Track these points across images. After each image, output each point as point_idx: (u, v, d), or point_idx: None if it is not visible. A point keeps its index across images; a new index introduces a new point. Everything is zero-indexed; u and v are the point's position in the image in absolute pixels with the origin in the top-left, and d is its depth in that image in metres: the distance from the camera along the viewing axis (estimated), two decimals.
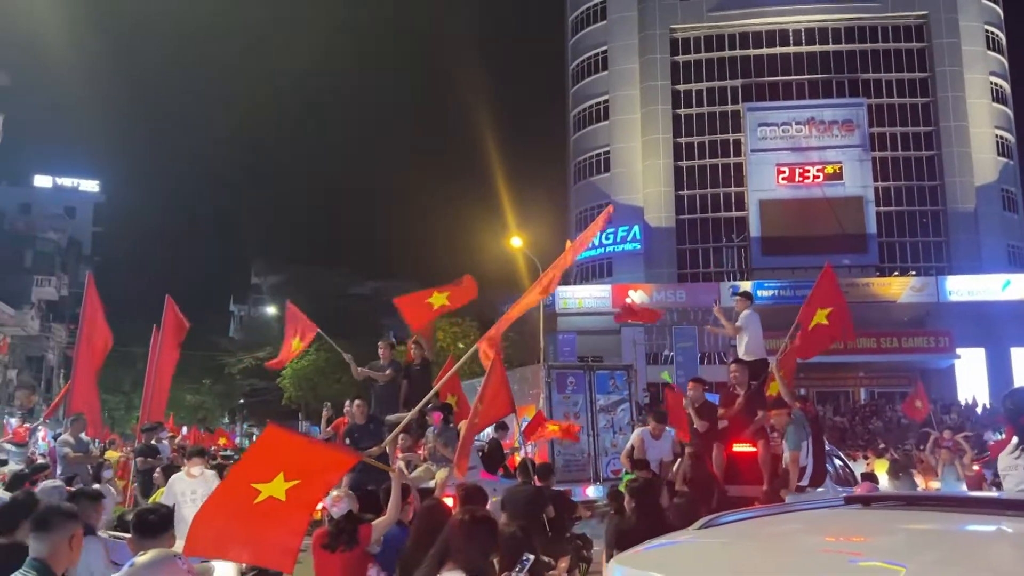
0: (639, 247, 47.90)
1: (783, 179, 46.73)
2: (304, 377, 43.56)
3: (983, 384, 39.10)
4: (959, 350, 39.84)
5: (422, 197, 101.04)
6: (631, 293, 42.87)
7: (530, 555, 3.63)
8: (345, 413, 10.33)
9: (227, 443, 34.47)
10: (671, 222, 48.60)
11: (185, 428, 33.09)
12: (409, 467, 9.49)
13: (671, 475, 9.13)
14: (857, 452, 22.58)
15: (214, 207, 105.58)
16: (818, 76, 49.05)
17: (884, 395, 42.34)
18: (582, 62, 53.15)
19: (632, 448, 9.70)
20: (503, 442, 12.44)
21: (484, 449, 11.73)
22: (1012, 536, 2.85)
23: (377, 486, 7.61)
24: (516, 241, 33.44)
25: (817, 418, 9.36)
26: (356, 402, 10.14)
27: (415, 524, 5.11)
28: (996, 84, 49.08)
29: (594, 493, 13.30)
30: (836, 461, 10.30)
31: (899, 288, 43.63)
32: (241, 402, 54.70)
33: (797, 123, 47.12)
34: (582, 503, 11.14)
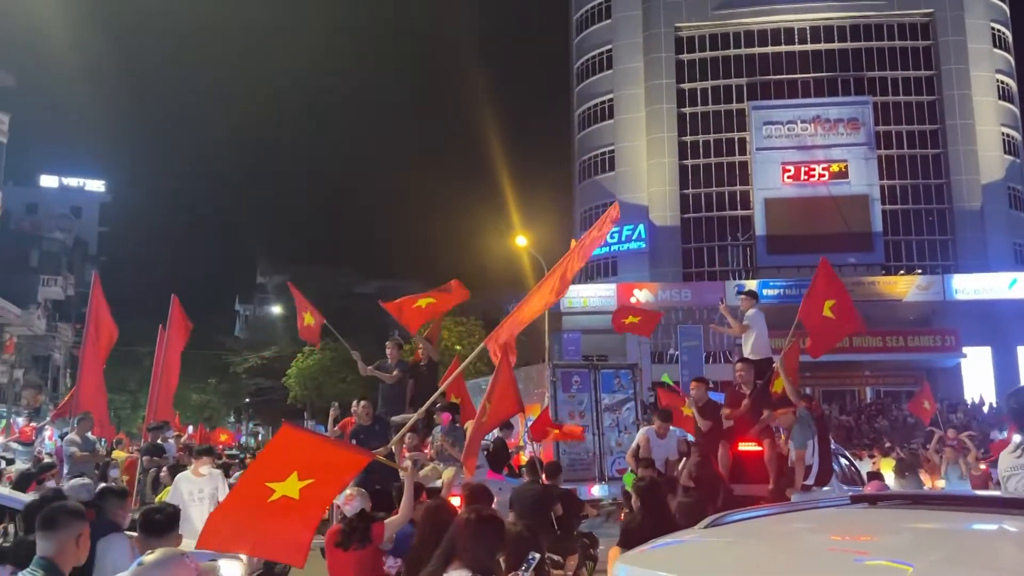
0: (644, 246, 47.87)
1: (788, 178, 46.63)
2: (310, 376, 43.61)
3: (989, 383, 39.00)
4: (965, 349, 39.74)
5: (426, 196, 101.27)
6: (636, 292, 42.88)
7: (536, 554, 3.63)
8: (352, 413, 10.36)
9: (228, 440, 34.53)
10: (676, 221, 48.55)
11: (191, 427, 33.15)
12: (416, 466, 9.51)
13: (677, 474, 9.12)
14: (863, 451, 22.55)
15: (219, 207, 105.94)
16: (823, 74, 48.93)
17: (890, 394, 42.24)
18: (586, 61, 53.11)
19: (638, 447, 9.70)
20: (508, 441, 12.45)
21: (489, 448, 11.74)
22: (1018, 535, 2.85)
23: (384, 486, 7.63)
24: (521, 240, 33.48)
25: (823, 417, 9.34)
26: (361, 403, 10.15)
27: (420, 523, 5.12)
28: (1002, 82, 48.89)
29: (599, 492, 13.30)
30: (842, 460, 10.30)
31: (905, 287, 43.51)
32: (247, 401, 54.82)
33: (802, 121, 47.01)
34: (588, 502, 11.15)
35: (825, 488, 8.19)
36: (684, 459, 9.45)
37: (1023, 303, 40.39)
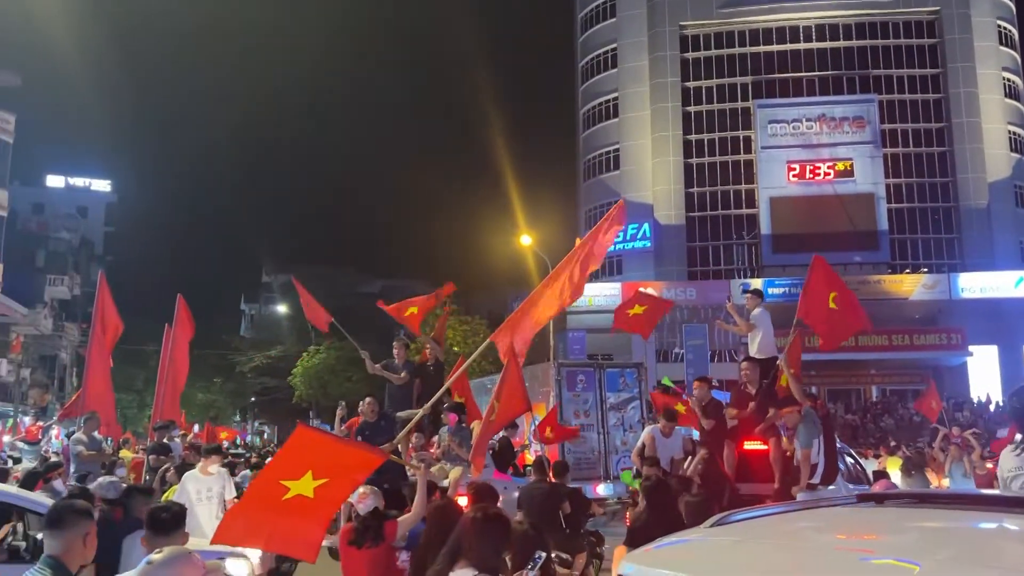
0: (649, 245, 47.84)
1: (794, 176, 46.53)
2: (315, 375, 43.69)
3: (996, 381, 38.87)
4: (971, 347, 39.62)
5: (430, 196, 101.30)
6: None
7: (542, 553, 3.63)
8: (359, 412, 10.47)
9: (229, 436, 34.55)
10: (681, 219, 48.49)
11: (197, 426, 33.17)
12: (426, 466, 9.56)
13: (682, 472, 9.12)
14: (868, 450, 22.49)
15: (224, 207, 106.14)
16: (829, 72, 48.81)
17: (896, 393, 42.13)
18: (591, 59, 53.07)
19: (643, 446, 9.70)
20: (513, 440, 12.47)
21: (495, 447, 11.75)
22: None
23: (393, 484, 7.67)
24: (526, 239, 33.49)
25: (828, 416, 9.32)
26: (367, 400, 10.31)
27: (427, 522, 5.13)
28: (1009, 80, 48.72)
29: (604, 491, 13.31)
30: (848, 459, 10.27)
31: (911, 285, 43.40)
32: (252, 400, 54.91)
33: (808, 120, 46.91)
34: (594, 501, 11.17)
35: (831, 487, 8.17)
36: (689, 458, 9.45)
37: None
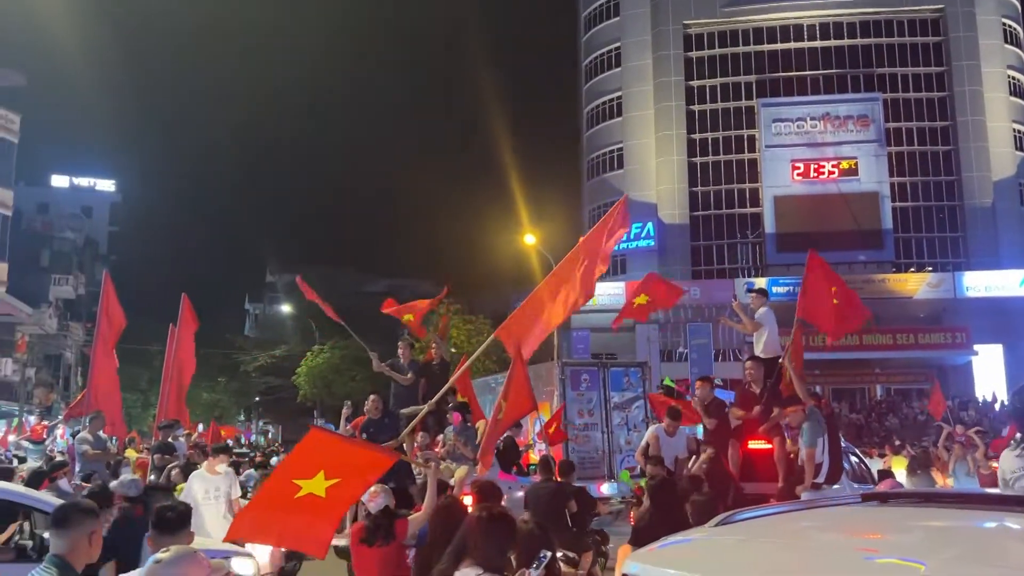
0: (653, 244, 47.79)
1: (798, 175, 46.48)
2: (319, 375, 43.75)
3: (1001, 380, 38.78)
4: (976, 346, 39.53)
5: (434, 195, 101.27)
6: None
7: (547, 552, 3.63)
8: (364, 411, 10.55)
9: (228, 434, 34.55)
10: (685, 219, 48.44)
11: (201, 425, 33.21)
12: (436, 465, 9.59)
13: (687, 472, 9.13)
14: (873, 449, 22.46)
15: (228, 206, 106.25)
16: (833, 71, 48.71)
17: (900, 392, 42.09)
18: (595, 58, 53.03)
19: (647, 446, 9.70)
20: (517, 440, 12.46)
21: (499, 447, 11.75)
22: None
23: (399, 484, 7.70)
24: (529, 238, 33.47)
25: (833, 415, 9.30)
26: (371, 397, 10.37)
27: (432, 521, 5.14)
28: (1014, 78, 48.57)
29: (608, 490, 13.29)
30: (852, 458, 10.27)
31: (915, 284, 43.32)
32: (256, 400, 54.99)
33: (812, 118, 46.85)
34: (598, 500, 11.16)
35: (836, 486, 8.16)
36: (693, 457, 9.45)
37: None
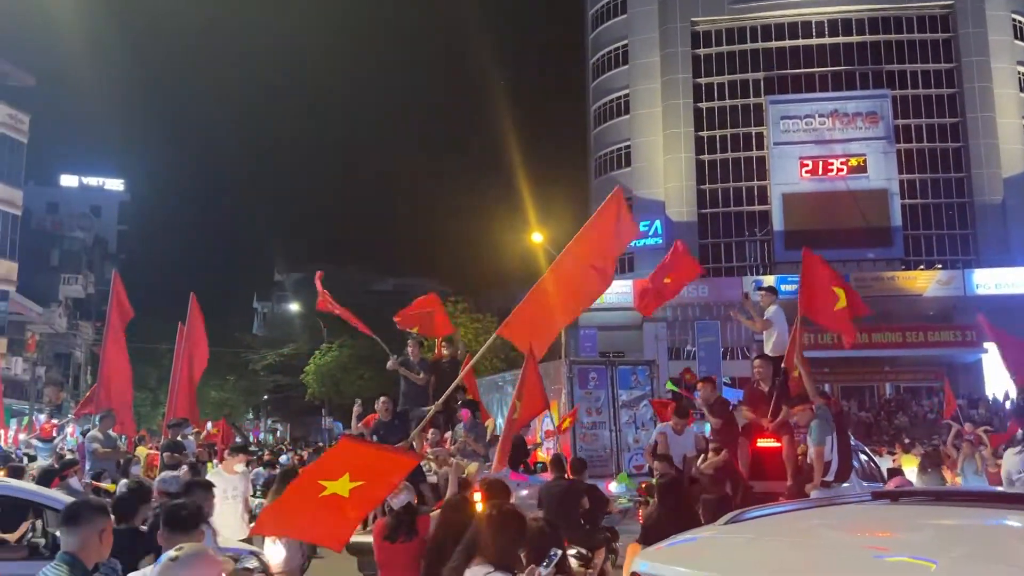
0: (661, 242, 47.63)
1: (806, 172, 46.33)
2: (327, 373, 43.84)
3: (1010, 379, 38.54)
4: (986, 344, 39.30)
5: (441, 194, 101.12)
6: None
7: (558, 550, 3.64)
8: (375, 410, 10.64)
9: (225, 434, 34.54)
10: (693, 216, 48.33)
11: (209, 424, 33.29)
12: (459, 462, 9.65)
13: (694, 470, 9.12)
14: (883, 447, 22.37)
15: (236, 205, 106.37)
16: (841, 68, 48.51)
17: (909, 390, 41.93)
18: (602, 56, 52.96)
19: (655, 444, 9.70)
20: (526, 438, 12.48)
21: None
22: None
23: (410, 481, 7.75)
24: (537, 237, 33.44)
25: (842, 413, 9.26)
26: (381, 399, 10.49)
27: (440, 519, 5.15)
28: None
29: (616, 489, 13.30)
30: (861, 456, 10.23)
31: (925, 282, 43.13)
32: (265, 398, 55.13)
33: (820, 115, 46.68)
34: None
35: (845, 484, 8.14)
36: (702, 455, 9.44)
37: None
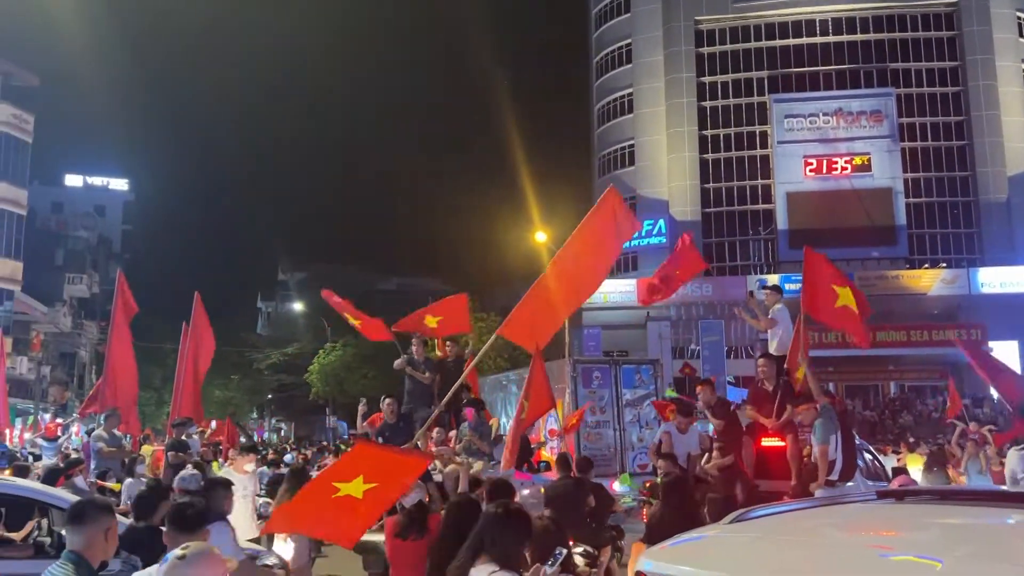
0: (664, 241, 47.60)
1: (810, 171, 46.25)
2: (331, 372, 43.90)
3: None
4: (992, 343, 39.01)
5: (444, 193, 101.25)
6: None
7: (563, 549, 3.64)
8: (381, 410, 10.68)
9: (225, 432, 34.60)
10: (697, 215, 48.27)
11: (213, 423, 33.34)
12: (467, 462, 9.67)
13: (699, 470, 9.12)
14: (887, 446, 22.34)
15: (240, 205, 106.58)
16: (845, 66, 48.41)
17: (914, 389, 41.85)
18: (606, 55, 52.92)
19: (659, 443, 9.70)
20: (529, 436, 12.48)
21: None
22: None
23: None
24: (540, 236, 33.42)
25: (846, 412, 9.25)
26: (386, 401, 10.50)
27: (445, 518, 5.15)
28: None
29: (620, 488, 13.29)
30: (866, 455, 10.22)
31: (930, 280, 43.04)
32: (269, 397, 55.22)
33: (824, 114, 46.59)
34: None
35: (849, 484, 8.13)
36: (706, 454, 9.44)
37: None
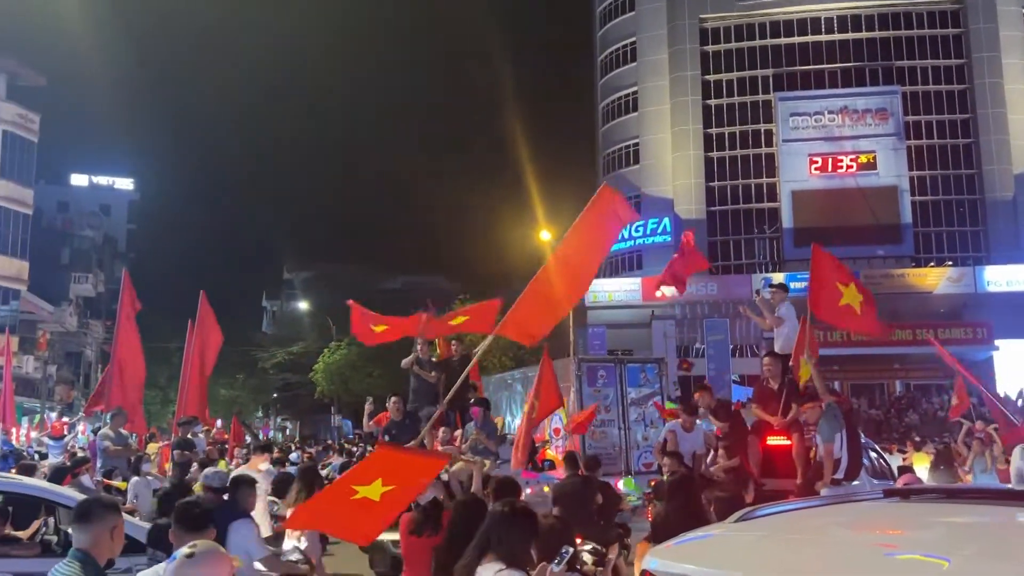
0: (669, 239, 47.50)
1: (816, 169, 46.13)
2: (336, 371, 43.94)
3: (1023, 376, 38.34)
4: (998, 341, 39.09)
5: (449, 192, 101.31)
6: (663, 288, 42.61)
7: (569, 548, 3.64)
8: (387, 408, 10.76)
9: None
10: (702, 214, 48.16)
11: (220, 421, 33.43)
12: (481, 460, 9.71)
13: (704, 468, 9.12)
14: (893, 445, 22.28)
15: (245, 204, 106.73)
16: (851, 64, 48.28)
17: (920, 387, 41.71)
18: (610, 53, 52.84)
19: (665, 441, 9.70)
20: (534, 436, 12.49)
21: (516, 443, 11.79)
22: None
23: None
24: (545, 235, 33.42)
25: (852, 411, 9.23)
26: (392, 399, 10.63)
27: (451, 517, 5.16)
28: None
29: (625, 487, 13.30)
30: (871, 454, 10.20)
31: (935, 279, 42.91)
32: (274, 396, 55.32)
33: (830, 112, 46.47)
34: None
35: (855, 482, 8.11)
36: (712, 452, 9.44)
37: None
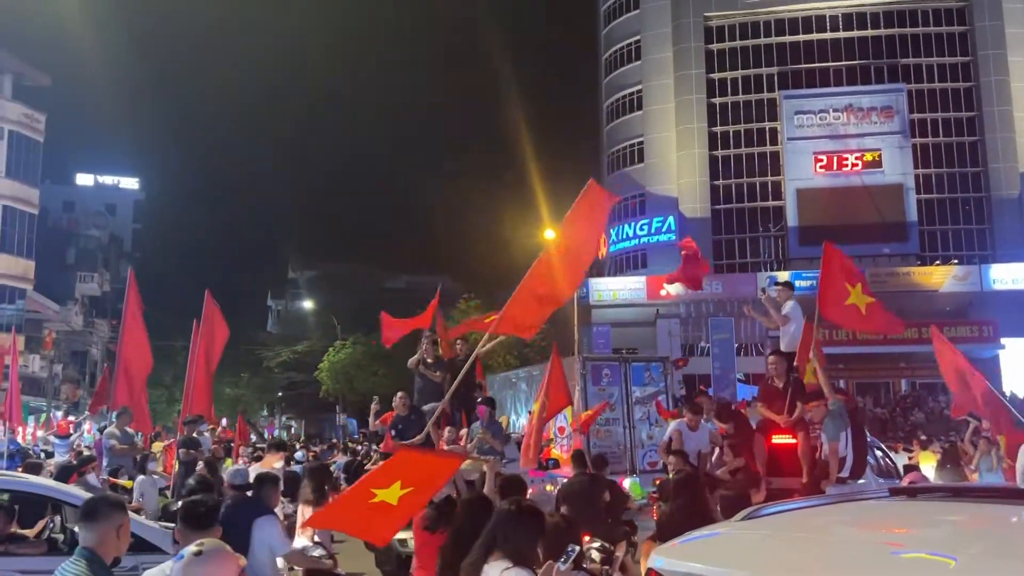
0: (674, 238, 47.43)
1: (821, 167, 46.04)
2: (341, 370, 43.99)
3: None
4: (1004, 340, 38.99)
5: (453, 191, 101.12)
6: (666, 285, 42.61)
7: (575, 546, 3.64)
8: (393, 406, 10.84)
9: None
10: (706, 212, 48.13)
11: (225, 420, 33.45)
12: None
13: (710, 467, 9.12)
14: (898, 444, 22.23)
15: (250, 204, 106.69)
16: (856, 62, 48.17)
17: (925, 386, 41.59)
18: (615, 52, 52.80)
19: (670, 441, 9.70)
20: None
21: (522, 441, 11.80)
22: None
23: None
24: (550, 234, 33.40)
25: (857, 409, 9.22)
26: (399, 395, 10.75)
27: (458, 515, 5.16)
28: None
29: (630, 486, 13.30)
30: (877, 452, 10.19)
31: (941, 277, 42.80)
32: (279, 395, 55.39)
33: (835, 110, 46.36)
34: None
35: (860, 481, 8.11)
36: (717, 451, 9.44)
37: None
